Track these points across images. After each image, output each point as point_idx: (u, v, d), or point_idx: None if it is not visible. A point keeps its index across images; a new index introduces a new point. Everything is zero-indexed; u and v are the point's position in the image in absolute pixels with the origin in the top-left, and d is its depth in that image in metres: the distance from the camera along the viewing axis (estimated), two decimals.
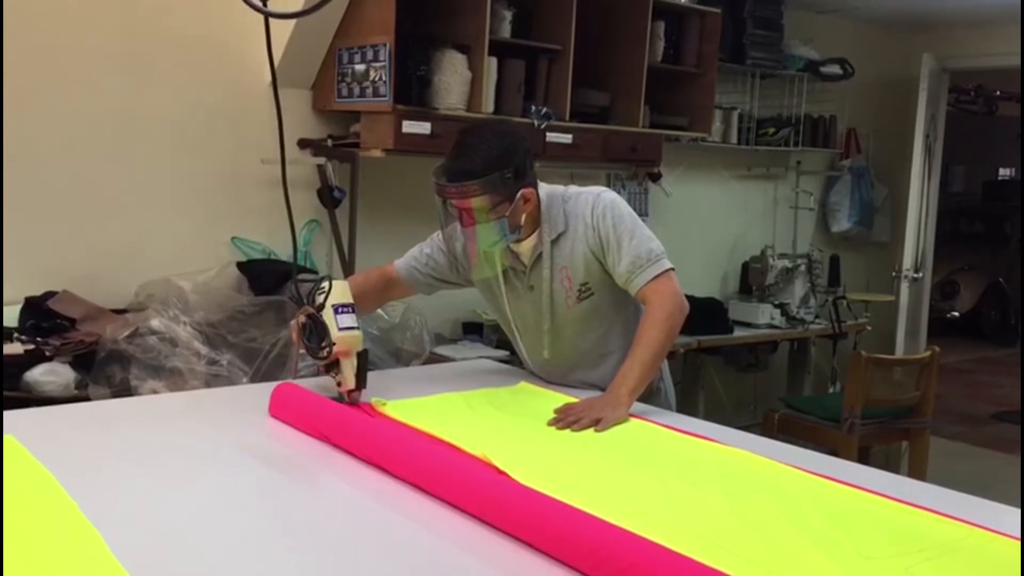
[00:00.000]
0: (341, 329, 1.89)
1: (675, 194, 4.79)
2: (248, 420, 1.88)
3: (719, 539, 1.32)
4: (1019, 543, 1.35)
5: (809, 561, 1.27)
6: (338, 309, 1.91)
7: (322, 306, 1.90)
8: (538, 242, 2.16)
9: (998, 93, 8.17)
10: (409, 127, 3.31)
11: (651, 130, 4.17)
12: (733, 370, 5.15)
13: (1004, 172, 10.60)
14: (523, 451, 1.70)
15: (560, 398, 2.12)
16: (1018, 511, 1.53)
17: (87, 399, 2.56)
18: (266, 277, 3.16)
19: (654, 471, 1.63)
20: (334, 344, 1.88)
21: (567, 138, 3.80)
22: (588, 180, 4.60)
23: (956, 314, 9.01)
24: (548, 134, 3.72)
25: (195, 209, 3.38)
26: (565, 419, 1.90)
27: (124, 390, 2.63)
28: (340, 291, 1.94)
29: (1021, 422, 1.84)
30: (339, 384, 1.92)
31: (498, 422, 1.92)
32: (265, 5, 1.52)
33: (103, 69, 3.15)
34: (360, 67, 3.34)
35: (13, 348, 2.70)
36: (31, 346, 2.72)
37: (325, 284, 1.92)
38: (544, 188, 2.17)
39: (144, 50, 3.22)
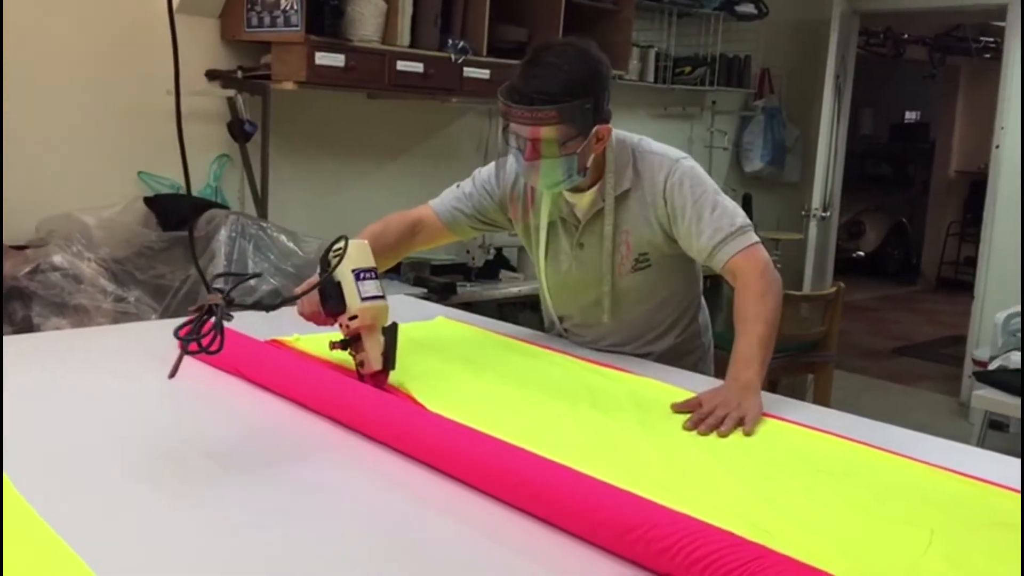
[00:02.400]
0: (364, 299, 1.61)
1: None
2: (159, 355, 1.83)
3: (631, 464, 1.35)
4: (904, 459, 1.43)
5: (716, 482, 1.32)
6: (359, 275, 1.62)
7: (327, 273, 1.61)
8: (597, 196, 1.91)
9: (906, 36, 8.35)
10: (322, 59, 3.23)
11: None
12: None
13: (910, 115, 10.88)
14: (439, 383, 1.70)
15: (476, 332, 2.13)
16: (913, 432, 1.61)
17: None
18: (175, 212, 3.07)
19: (568, 401, 1.65)
20: (355, 317, 1.61)
21: (485, 73, 3.75)
22: None
23: (861, 253, 9.31)
24: (465, 69, 3.67)
25: (99, 142, 3.25)
26: (706, 422, 1.54)
27: (26, 328, 2.54)
28: (360, 253, 1.65)
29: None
30: (360, 365, 1.63)
31: (414, 355, 1.92)
32: None
33: None
34: None
35: None
36: None
37: (340, 245, 1.60)
38: (614, 133, 1.88)
39: None
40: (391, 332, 1.63)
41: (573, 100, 1.71)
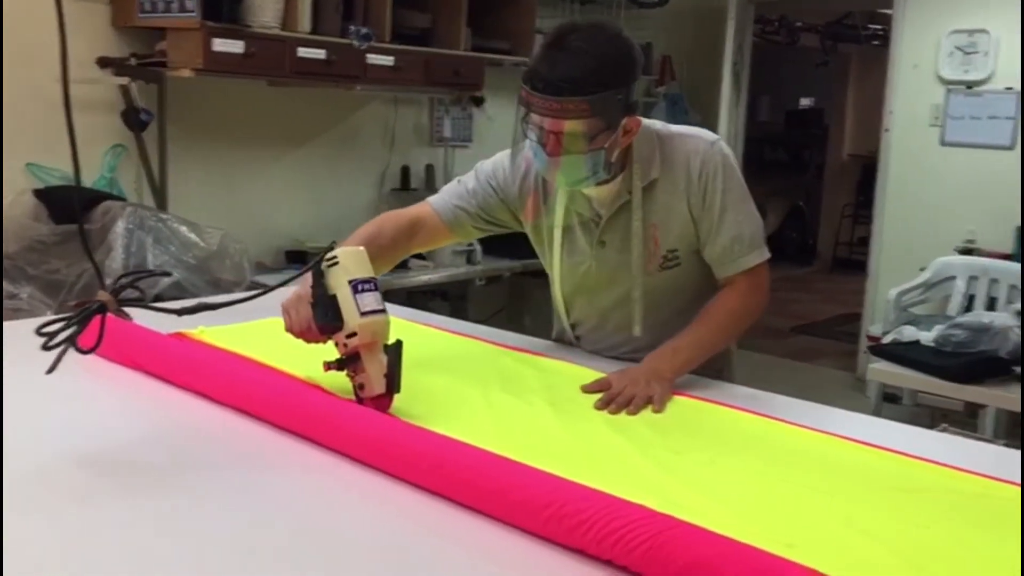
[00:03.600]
0: (364, 314, 1.43)
1: (498, 119, 4.80)
2: (56, 352, 1.76)
3: (543, 445, 1.37)
4: (813, 432, 1.48)
5: (626, 459, 1.34)
6: (357, 286, 1.45)
7: (320, 280, 1.46)
8: (622, 188, 1.73)
9: (799, 24, 8.60)
10: (220, 45, 3.16)
11: (473, 53, 4.15)
12: None
13: (805, 102, 11.21)
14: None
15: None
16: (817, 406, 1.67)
17: None
18: (67, 205, 2.96)
19: (479, 384, 1.65)
20: (354, 334, 1.44)
21: (388, 60, 3.73)
22: (412, 104, 4.55)
23: None
24: (369, 56, 3.64)
25: None
26: (616, 402, 1.55)
27: None
28: (356, 261, 1.48)
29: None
30: (360, 388, 1.46)
31: (321, 345, 1.89)
32: None
33: None
34: None
35: None
36: None
37: (332, 254, 1.46)
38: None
39: None
40: (395, 351, 1.45)
41: (605, 91, 1.54)
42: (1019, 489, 1.27)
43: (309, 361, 1.66)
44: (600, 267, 1.80)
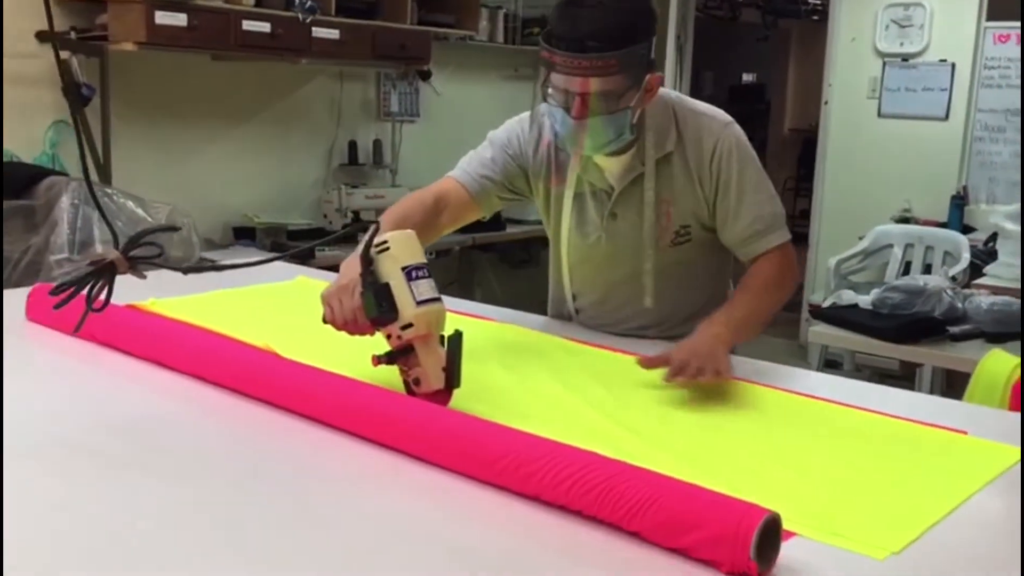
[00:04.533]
0: (420, 303, 1.33)
1: (445, 93, 4.81)
2: (6, 327, 1.76)
3: (499, 401, 1.41)
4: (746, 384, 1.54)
5: (578, 413, 1.39)
6: (410, 273, 1.34)
7: (369, 267, 1.35)
8: (635, 160, 1.69)
9: None
10: (162, 18, 3.12)
11: (419, 27, 4.15)
12: (507, 267, 5.33)
13: (747, 77, 11.34)
14: (304, 340, 1.70)
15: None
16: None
17: None
18: (9, 181, 2.91)
19: None
20: (410, 325, 1.34)
21: (334, 33, 3.71)
22: (359, 78, 4.53)
23: None
24: (314, 29, 3.62)
25: None
26: (685, 373, 1.45)
27: None
28: (407, 247, 1.37)
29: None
30: (415, 382, 1.35)
31: (276, 314, 1.91)
32: None
33: None
34: None
35: None
36: None
37: (382, 239, 1.35)
38: None
39: None
40: (455, 342, 1.34)
41: (632, 45, 1.50)
42: (946, 433, 1.35)
43: (267, 332, 1.68)
44: (610, 240, 1.76)
